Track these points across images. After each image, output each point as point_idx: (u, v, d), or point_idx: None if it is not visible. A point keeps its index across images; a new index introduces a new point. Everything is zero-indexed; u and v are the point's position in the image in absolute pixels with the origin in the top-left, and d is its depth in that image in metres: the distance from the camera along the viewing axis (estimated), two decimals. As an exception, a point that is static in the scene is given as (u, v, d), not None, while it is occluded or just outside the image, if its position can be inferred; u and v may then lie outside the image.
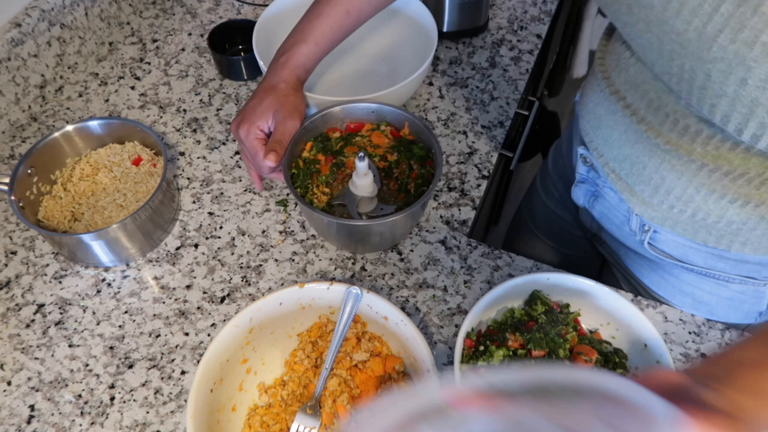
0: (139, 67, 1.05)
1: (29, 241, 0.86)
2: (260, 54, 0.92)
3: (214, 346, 0.66)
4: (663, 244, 0.77)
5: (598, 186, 0.82)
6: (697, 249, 0.74)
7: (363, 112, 0.84)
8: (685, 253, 0.75)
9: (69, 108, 1.00)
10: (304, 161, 0.82)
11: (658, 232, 0.75)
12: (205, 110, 1.00)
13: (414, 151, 0.84)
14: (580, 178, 0.84)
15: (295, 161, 0.81)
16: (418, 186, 0.83)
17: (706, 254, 0.74)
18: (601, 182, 0.81)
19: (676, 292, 0.81)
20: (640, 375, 0.48)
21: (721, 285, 0.77)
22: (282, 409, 0.71)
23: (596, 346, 0.71)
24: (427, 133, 0.80)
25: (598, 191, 0.82)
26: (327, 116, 0.83)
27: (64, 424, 0.71)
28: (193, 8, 1.14)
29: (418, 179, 0.83)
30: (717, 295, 0.78)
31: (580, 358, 0.69)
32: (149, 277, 0.82)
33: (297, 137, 0.78)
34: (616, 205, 0.80)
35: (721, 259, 0.73)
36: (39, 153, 0.83)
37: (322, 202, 0.83)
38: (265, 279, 0.82)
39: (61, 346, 0.77)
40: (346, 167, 0.86)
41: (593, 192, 0.83)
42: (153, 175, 0.87)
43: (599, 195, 0.83)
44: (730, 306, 0.79)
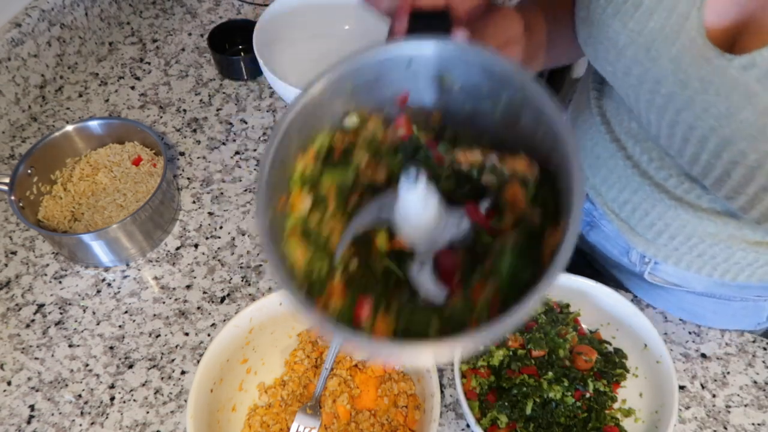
0: (139, 67, 1.05)
1: (29, 241, 0.86)
2: (260, 54, 0.92)
3: (214, 346, 0.66)
4: (664, 274, 0.75)
5: (594, 217, 0.79)
6: (699, 278, 0.71)
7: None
8: (687, 281, 0.74)
9: (69, 108, 1.00)
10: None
11: (659, 264, 0.73)
12: (205, 110, 1.00)
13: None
14: None
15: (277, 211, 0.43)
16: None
17: (708, 282, 0.72)
18: (598, 215, 0.78)
19: (677, 309, 0.79)
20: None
21: (722, 304, 0.76)
22: (282, 409, 0.71)
23: (596, 346, 0.71)
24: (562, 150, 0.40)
25: (594, 222, 0.79)
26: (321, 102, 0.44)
27: (64, 424, 0.71)
28: (193, 8, 1.14)
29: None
30: (718, 312, 0.77)
31: (580, 358, 0.69)
32: (149, 277, 0.82)
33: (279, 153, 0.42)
34: (614, 237, 0.77)
35: (724, 286, 0.72)
36: (39, 153, 0.83)
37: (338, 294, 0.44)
38: (265, 279, 0.82)
39: (61, 346, 0.77)
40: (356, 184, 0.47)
41: (589, 222, 0.80)
42: (153, 175, 0.87)
43: (595, 225, 0.80)
44: (732, 319, 0.78)
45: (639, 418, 0.68)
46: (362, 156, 0.47)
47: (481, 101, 0.44)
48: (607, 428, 0.66)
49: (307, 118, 0.42)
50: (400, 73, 0.43)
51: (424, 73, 0.43)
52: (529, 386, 0.66)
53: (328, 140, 0.45)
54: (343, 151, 0.46)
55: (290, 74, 0.99)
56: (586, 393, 0.67)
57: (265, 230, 0.39)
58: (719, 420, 0.71)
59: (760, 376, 0.73)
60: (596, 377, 0.69)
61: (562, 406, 0.66)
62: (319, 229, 0.44)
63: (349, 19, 1.06)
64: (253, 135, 0.97)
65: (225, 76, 1.04)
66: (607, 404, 0.68)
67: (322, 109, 0.43)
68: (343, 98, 0.44)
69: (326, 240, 0.44)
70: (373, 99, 0.45)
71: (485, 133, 0.46)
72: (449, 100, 0.46)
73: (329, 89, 0.42)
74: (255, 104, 1.00)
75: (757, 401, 0.72)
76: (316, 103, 0.42)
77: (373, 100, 0.45)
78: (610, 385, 0.69)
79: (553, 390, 0.66)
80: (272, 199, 0.41)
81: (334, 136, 0.46)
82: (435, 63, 0.42)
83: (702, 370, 0.74)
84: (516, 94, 0.42)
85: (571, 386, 0.67)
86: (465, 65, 0.42)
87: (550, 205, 0.43)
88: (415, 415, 0.68)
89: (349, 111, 0.46)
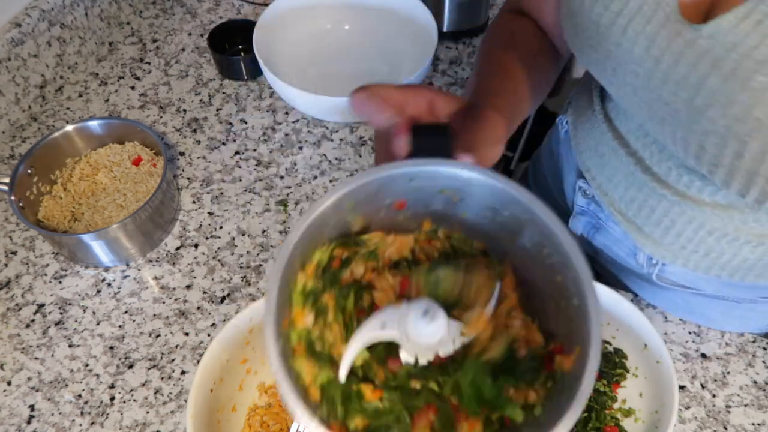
0: (139, 67, 1.05)
1: (29, 241, 0.86)
2: (260, 54, 0.92)
3: (214, 346, 0.66)
4: (671, 275, 0.74)
5: (600, 219, 0.78)
6: (707, 279, 0.71)
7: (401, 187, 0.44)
8: (695, 282, 0.73)
9: (69, 108, 1.00)
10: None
11: (667, 265, 0.73)
12: (205, 110, 1.00)
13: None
14: (579, 210, 0.79)
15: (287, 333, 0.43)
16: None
17: (718, 284, 0.72)
18: (604, 216, 0.77)
19: (685, 312, 0.78)
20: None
21: (731, 306, 0.75)
22: (282, 409, 0.71)
23: (596, 346, 0.71)
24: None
25: (600, 224, 0.78)
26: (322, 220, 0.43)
27: (64, 424, 0.71)
28: (193, 8, 1.14)
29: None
30: (727, 314, 0.76)
31: (580, 359, 0.69)
32: (149, 277, 0.82)
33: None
34: (621, 238, 0.76)
35: (733, 287, 0.72)
36: (39, 153, 0.83)
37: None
38: (265, 279, 0.82)
39: (61, 346, 0.77)
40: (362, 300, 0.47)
41: (594, 224, 0.79)
42: (153, 175, 0.87)
43: (601, 227, 0.79)
44: (741, 322, 0.77)
45: (639, 418, 0.68)
46: (360, 266, 0.46)
47: (481, 211, 0.45)
48: (607, 428, 0.66)
49: (308, 238, 0.43)
50: (401, 186, 0.44)
51: (426, 187, 0.44)
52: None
53: (328, 254, 0.45)
54: (342, 262, 0.46)
55: (290, 74, 0.99)
56: (586, 393, 0.67)
57: (277, 357, 0.40)
58: (719, 420, 0.71)
59: (760, 376, 0.73)
60: (596, 377, 0.69)
61: (562, 406, 0.66)
62: (321, 341, 0.44)
63: (349, 19, 1.06)
64: (253, 135, 0.97)
65: (225, 76, 1.04)
66: (607, 404, 0.68)
67: (322, 227, 0.43)
68: (342, 213, 0.44)
69: (329, 351, 0.44)
70: (371, 209, 0.45)
71: (480, 235, 0.47)
72: (447, 208, 0.46)
73: (330, 208, 0.42)
74: (255, 104, 1.00)
75: (757, 401, 0.72)
76: (317, 223, 0.42)
77: (371, 210, 0.45)
78: (610, 385, 0.69)
79: (553, 390, 0.66)
80: (280, 322, 0.41)
81: (333, 249, 0.45)
82: (437, 181, 0.43)
83: (702, 370, 0.74)
84: (520, 213, 0.42)
85: (571, 386, 0.67)
86: (470, 185, 0.43)
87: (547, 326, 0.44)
88: (415, 415, 0.68)
89: (346, 221, 0.45)
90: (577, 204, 0.79)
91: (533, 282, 0.45)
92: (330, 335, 0.44)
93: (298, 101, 0.92)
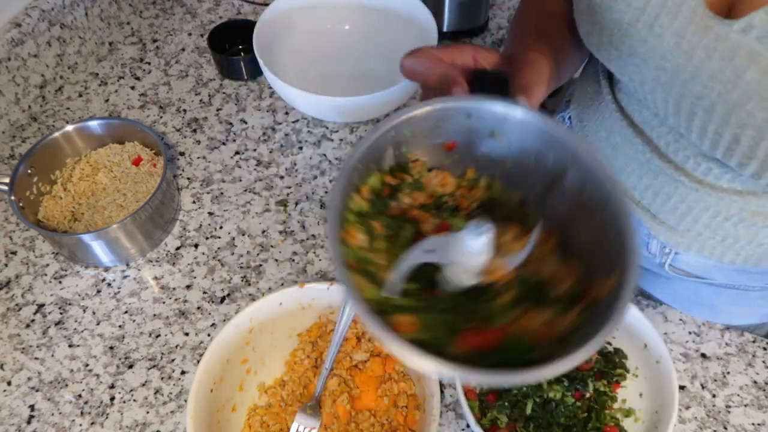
0: (139, 67, 1.05)
1: (29, 241, 0.86)
2: (260, 54, 0.92)
3: (214, 346, 0.66)
4: (684, 265, 0.74)
5: None
6: (720, 267, 0.71)
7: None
8: (707, 270, 0.73)
9: (69, 108, 1.00)
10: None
11: (679, 254, 0.73)
12: (205, 110, 1.00)
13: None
14: None
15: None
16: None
17: (729, 271, 0.72)
18: None
19: (693, 305, 0.78)
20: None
21: (741, 294, 0.75)
22: (282, 409, 0.71)
23: (596, 346, 0.71)
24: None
25: None
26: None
27: (64, 424, 0.71)
28: (193, 8, 1.14)
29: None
30: (736, 304, 0.77)
31: (579, 359, 0.69)
32: (149, 277, 0.82)
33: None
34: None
35: (745, 274, 0.72)
36: (39, 153, 0.83)
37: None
38: (265, 279, 0.82)
39: (61, 346, 0.77)
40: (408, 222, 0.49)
41: None
42: (153, 175, 0.87)
43: None
44: (749, 312, 0.77)
45: (639, 418, 0.68)
46: (406, 197, 0.49)
47: (526, 158, 0.47)
48: (608, 428, 0.66)
49: (368, 157, 0.45)
50: (458, 123, 0.46)
51: (479, 127, 0.46)
52: (529, 386, 0.66)
53: (381, 179, 0.48)
54: (391, 190, 0.48)
55: (290, 74, 0.99)
56: (586, 393, 0.67)
57: (339, 256, 0.41)
58: (719, 420, 0.71)
59: (760, 376, 0.73)
60: (596, 377, 0.69)
61: (562, 406, 0.66)
62: (370, 263, 0.46)
63: (349, 19, 1.06)
64: (253, 135, 0.97)
65: (225, 76, 1.04)
66: (607, 404, 0.68)
67: (381, 150, 0.46)
68: (399, 142, 0.47)
69: (375, 272, 0.45)
70: (425, 144, 0.48)
71: (520, 184, 0.49)
72: (493, 152, 0.48)
73: (391, 131, 0.45)
74: (255, 104, 1.00)
75: (757, 401, 0.72)
76: (378, 144, 0.44)
77: (425, 145, 0.48)
78: (610, 385, 0.69)
79: (553, 390, 0.66)
80: (339, 234, 0.43)
81: (385, 176, 0.48)
82: (492, 120, 0.45)
83: (702, 370, 0.74)
84: (564, 157, 0.44)
85: (571, 386, 0.67)
86: (521, 127, 0.45)
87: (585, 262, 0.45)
88: (415, 415, 0.68)
89: (401, 152, 0.48)
90: None
91: (572, 225, 0.47)
92: (377, 259, 0.46)
93: (298, 101, 0.92)
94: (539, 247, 0.47)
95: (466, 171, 0.50)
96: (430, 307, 0.45)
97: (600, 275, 0.43)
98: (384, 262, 0.46)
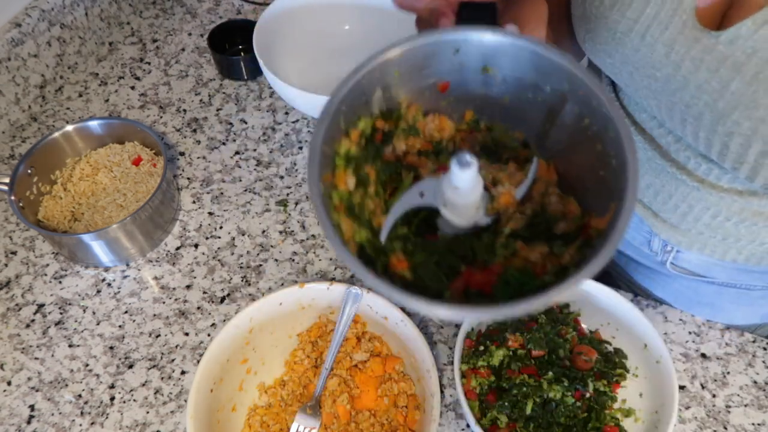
0: (139, 67, 1.05)
1: (29, 241, 0.86)
2: (260, 54, 0.92)
3: (214, 346, 0.66)
4: (686, 263, 0.74)
5: None
6: (722, 265, 0.72)
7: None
8: (708, 269, 0.74)
9: (69, 108, 1.00)
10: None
11: (681, 252, 0.73)
12: (205, 110, 1.00)
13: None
14: None
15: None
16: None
17: (731, 269, 0.72)
18: None
19: (694, 304, 0.79)
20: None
21: (742, 294, 0.75)
22: (282, 409, 0.71)
23: (596, 346, 0.71)
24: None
25: None
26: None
27: (64, 424, 0.71)
28: (193, 8, 1.14)
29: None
30: (737, 303, 0.77)
31: (580, 358, 0.69)
32: (149, 277, 0.82)
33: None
34: (635, 226, 0.76)
35: (746, 272, 0.72)
36: (39, 153, 0.83)
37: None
38: (265, 279, 0.82)
39: (61, 346, 0.77)
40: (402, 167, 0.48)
41: None
42: (153, 175, 0.87)
43: None
44: (750, 311, 0.78)
45: (639, 418, 0.68)
46: (401, 143, 0.47)
47: (522, 92, 0.44)
48: (607, 428, 0.66)
49: (354, 99, 0.42)
50: (446, 60, 0.43)
51: (469, 62, 0.43)
52: (529, 386, 0.66)
53: (371, 124, 0.46)
54: (384, 135, 0.46)
55: (290, 74, 0.99)
56: (586, 393, 0.67)
57: (318, 197, 0.40)
58: (719, 420, 0.71)
59: (760, 376, 0.73)
60: (596, 377, 0.69)
61: (562, 406, 0.66)
62: (361, 207, 0.45)
63: (349, 19, 1.06)
64: (253, 135, 0.97)
65: (225, 76, 1.04)
66: (607, 404, 0.68)
67: (368, 92, 0.43)
68: (388, 83, 0.44)
69: (369, 218, 0.45)
70: (416, 86, 0.45)
71: (520, 123, 0.47)
72: (489, 90, 0.46)
73: (376, 71, 0.42)
74: (255, 104, 1.00)
75: (757, 401, 0.72)
76: (362, 85, 0.42)
77: (416, 87, 0.45)
78: (610, 385, 0.69)
79: (553, 390, 0.66)
80: (321, 174, 0.41)
81: (375, 121, 0.46)
82: (482, 52, 0.43)
83: (702, 370, 0.74)
84: (561, 84, 0.42)
85: (571, 386, 0.67)
86: (513, 56, 0.42)
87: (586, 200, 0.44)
88: (415, 415, 0.68)
89: (392, 96, 0.45)
90: None
91: (573, 159, 0.46)
92: (371, 204, 0.45)
93: (298, 101, 0.92)
94: (540, 184, 0.46)
95: (464, 113, 0.48)
96: (426, 250, 0.44)
97: (600, 206, 0.42)
98: (379, 208, 0.45)
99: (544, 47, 0.41)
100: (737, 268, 0.71)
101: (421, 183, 0.44)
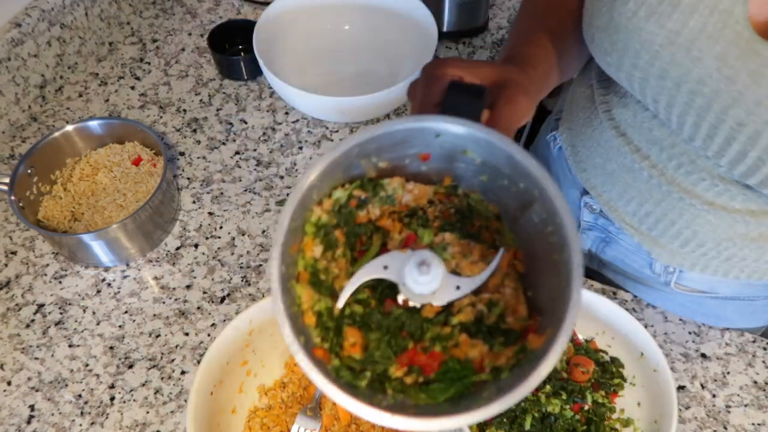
0: (139, 67, 1.05)
1: (29, 241, 0.86)
2: (260, 54, 0.92)
3: (214, 349, 0.66)
4: (689, 281, 0.73)
5: (610, 232, 0.76)
6: (726, 282, 0.71)
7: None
8: (713, 286, 0.73)
9: (69, 108, 1.00)
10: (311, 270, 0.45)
11: (684, 272, 0.72)
12: (205, 110, 1.00)
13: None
14: (587, 225, 0.77)
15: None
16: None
17: (736, 285, 0.71)
18: (615, 229, 0.74)
19: (697, 314, 0.78)
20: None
21: (745, 304, 0.75)
22: (282, 411, 0.71)
23: (592, 355, 0.70)
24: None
25: (611, 237, 0.76)
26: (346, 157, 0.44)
27: (64, 424, 0.71)
28: (193, 8, 1.14)
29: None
30: (740, 312, 0.76)
31: (577, 370, 0.68)
32: (149, 277, 0.82)
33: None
34: (635, 250, 0.75)
35: (750, 286, 0.71)
36: (39, 153, 0.83)
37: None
38: (265, 279, 0.82)
39: (61, 346, 0.77)
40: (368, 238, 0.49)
41: (603, 238, 0.77)
42: (153, 175, 0.87)
43: (612, 240, 0.76)
44: (752, 318, 0.77)
45: (638, 428, 0.67)
46: (376, 209, 0.48)
47: (499, 178, 0.46)
48: (607, 438, 0.66)
49: (329, 174, 0.43)
50: (428, 140, 0.45)
51: (450, 145, 0.45)
52: (527, 401, 0.65)
53: (347, 194, 0.46)
54: (360, 202, 0.47)
55: (290, 74, 0.99)
56: (585, 405, 0.67)
57: (277, 279, 0.40)
58: (719, 420, 0.71)
59: (760, 376, 0.73)
60: (594, 388, 0.68)
61: (561, 419, 0.65)
62: (326, 272, 0.45)
63: (349, 19, 1.06)
64: (253, 135, 0.97)
65: (225, 76, 1.04)
66: (606, 415, 0.67)
67: (343, 166, 0.44)
68: (368, 156, 0.45)
69: (332, 282, 0.45)
70: (397, 155, 0.46)
71: (495, 200, 0.48)
72: (468, 168, 0.47)
73: (355, 149, 0.43)
74: (255, 104, 1.00)
75: (757, 401, 0.72)
76: (340, 161, 0.43)
77: (397, 156, 0.46)
78: (608, 396, 0.68)
79: (551, 404, 0.65)
80: (288, 247, 0.42)
81: (353, 189, 0.47)
82: (462, 141, 0.44)
83: (702, 370, 0.74)
84: (533, 188, 0.43)
85: (569, 399, 0.66)
86: (489, 151, 0.44)
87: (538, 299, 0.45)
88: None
89: (372, 163, 0.46)
90: (584, 220, 0.77)
91: (535, 255, 0.46)
92: (335, 268, 0.46)
93: (298, 101, 0.92)
94: (497, 276, 0.46)
95: (444, 178, 0.49)
96: (380, 327, 0.45)
97: (543, 319, 0.43)
98: (344, 272, 0.46)
99: (518, 153, 0.42)
100: (741, 284, 0.71)
101: (387, 256, 0.44)
